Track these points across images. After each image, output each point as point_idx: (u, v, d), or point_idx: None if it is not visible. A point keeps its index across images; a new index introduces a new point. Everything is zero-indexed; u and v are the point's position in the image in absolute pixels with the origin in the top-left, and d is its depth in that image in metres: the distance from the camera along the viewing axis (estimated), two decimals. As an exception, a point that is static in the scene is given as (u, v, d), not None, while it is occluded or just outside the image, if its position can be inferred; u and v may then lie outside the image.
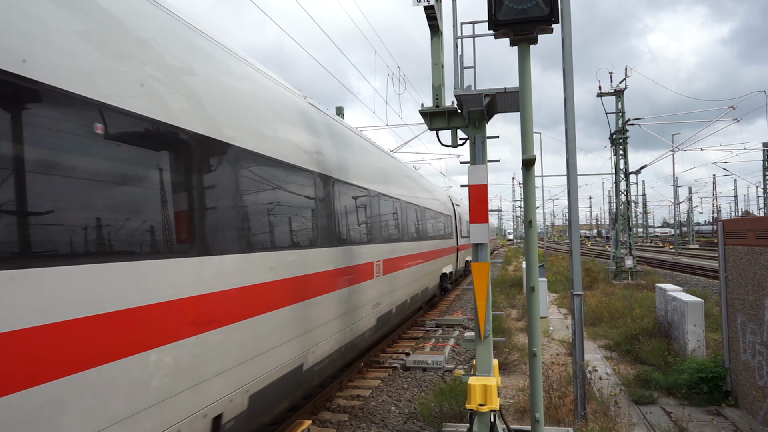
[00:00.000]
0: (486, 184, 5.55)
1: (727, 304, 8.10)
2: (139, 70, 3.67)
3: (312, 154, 6.58)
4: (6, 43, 2.72)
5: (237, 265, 4.64)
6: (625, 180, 25.37)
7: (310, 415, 7.76)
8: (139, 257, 3.50)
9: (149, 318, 3.54)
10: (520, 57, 5.11)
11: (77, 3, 3.29)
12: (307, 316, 6.08)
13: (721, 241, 8.19)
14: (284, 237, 5.66)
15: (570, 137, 7.31)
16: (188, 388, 3.93)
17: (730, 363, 8.01)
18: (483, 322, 5.62)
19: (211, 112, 4.46)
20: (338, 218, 7.31)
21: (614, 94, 24.81)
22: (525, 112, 5.09)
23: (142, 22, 3.90)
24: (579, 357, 7.22)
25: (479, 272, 5.56)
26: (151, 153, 3.73)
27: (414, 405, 8.29)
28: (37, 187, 2.85)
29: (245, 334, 4.72)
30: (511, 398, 8.22)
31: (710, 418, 7.36)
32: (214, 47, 4.97)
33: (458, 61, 5.56)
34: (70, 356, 2.91)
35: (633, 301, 16.20)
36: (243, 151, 4.85)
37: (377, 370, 10.46)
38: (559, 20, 4.78)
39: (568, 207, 7.60)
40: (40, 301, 2.77)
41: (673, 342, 10.19)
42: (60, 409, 2.85)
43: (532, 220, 5.39)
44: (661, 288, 11.67)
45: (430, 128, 5.98)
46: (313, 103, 7.47)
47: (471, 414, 5.44)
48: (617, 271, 25.25)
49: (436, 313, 17.54)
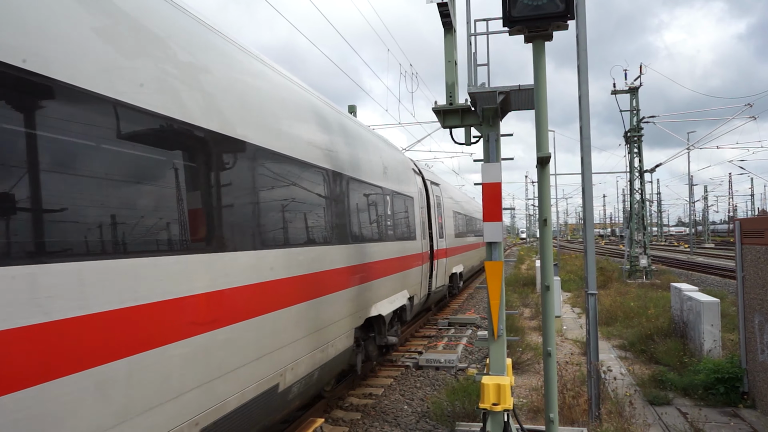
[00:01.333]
0: (500, 183, 5.52)
1: (744, 304, 7.99)
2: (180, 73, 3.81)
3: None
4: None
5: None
6: (640, 178, 25.12)
7: (322, 414, 7.77)
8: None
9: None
10: (535, 54, 5.06)
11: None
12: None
13: (738, 240, 8.08)
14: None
15: (584, 135, 7.24)
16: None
17: (747, 364, 7.90)
18: (496, 321, 5.59)
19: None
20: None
21: (629, 92, 24.59)
22: (540, 109, 5.04)
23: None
24: (593, 357, 7.16)
25: (493, 271, 5.53)
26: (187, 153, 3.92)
27: (427, 404, 8.27)
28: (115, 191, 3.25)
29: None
30: (524, 398, 8.18)
31: (727, 419, 7.27)
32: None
33: (472, 59, 5.52)
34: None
35: (647, 300, 16.05)
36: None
37: (390, 368, 10.45)
38: (574, 16, 4.74)
39: (583, 205, 7.54)
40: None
41: (689, 342, 10.08)
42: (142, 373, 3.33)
43: (547, 218, 5.34)
44: (676, 287, 11.54)
45: (443, 126, 5.95)
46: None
47: (484, 413, 5.41)
48: (631, 270, 25.03)
49: (448, 312, 17.50)
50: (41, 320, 2.72)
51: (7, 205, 2.64)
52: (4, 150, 2.65)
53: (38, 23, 2.85)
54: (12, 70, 2.69)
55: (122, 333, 3.23)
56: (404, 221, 10.48)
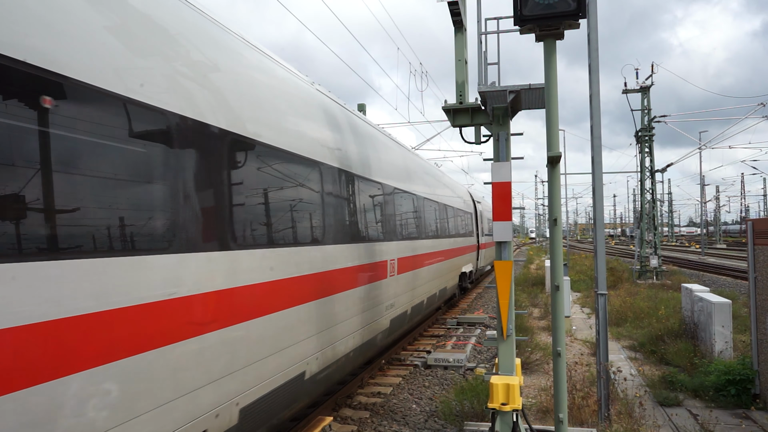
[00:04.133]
0: (510, 182, 5.50)
1: (757, 305, 7.91)
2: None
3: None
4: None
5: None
6: (651, 178, 24.94)
7: (331, 412, 7.78)
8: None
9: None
10: (546, 53, 5.04)
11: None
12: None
13: (751, 241, 8.01)
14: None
15: (595, 134, 7.20)
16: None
17: (759, 365, 7.83)
18: (506, 321, 5.58)
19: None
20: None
21: (640, 91, 24.41)
22: (550, 109, 5.02)
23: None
24: (603, 357, 7.12)
25: (502, 270, 5.51)
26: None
27: (435, 403, 8.27)
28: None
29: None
30: (533, 398, 8.15)
31: (738, 421, 7.21)
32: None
33: (482, 58, 5.51)
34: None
35: (658, 301, 15.95)
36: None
37: (398, 367, 10.45)
38: (586, 15, 4.71)
39: (593, 205, 7.50)
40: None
41: (700, 343, 10.00)
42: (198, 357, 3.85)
43: (557, 218, 5.32)
44: (687, 288, 11.45)
45: (453, 125, 5.94)
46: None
47: (493, 413, 5.41)
48: (642, 270, 24.87)
49: (457, 311, 17.47)
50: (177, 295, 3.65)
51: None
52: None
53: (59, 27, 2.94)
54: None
55: (214, 309, 4.04)
56: (466, 226, 18.42)
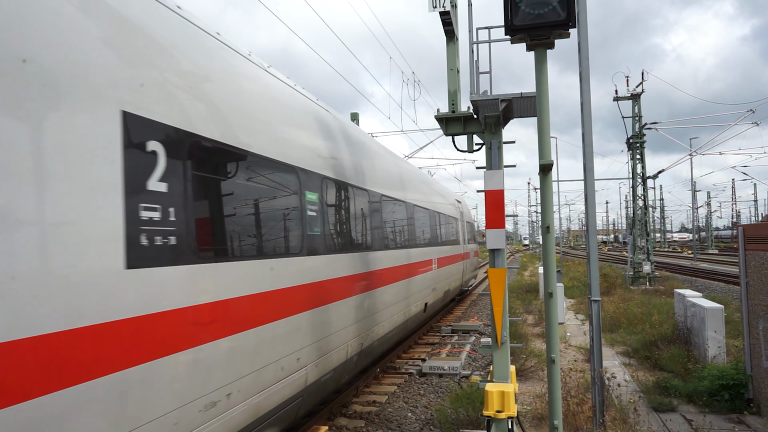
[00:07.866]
0: (502, 190, 5.54)
1: (749, 310, 7.96)
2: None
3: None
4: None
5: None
6: (643, 184, 25.10)
7: (326, 421, 7.76)
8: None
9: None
10: (537, 62, 5.09)
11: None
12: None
13: (742, 246, 8.07)
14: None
15: (587, 142, 7.26)
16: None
17: (752, 370, 7.87)
18: (500, 328, 5.59)
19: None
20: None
21: (631, 98, 24.61)
22: (542, 117, 5.07)
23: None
24: (597, 363, 7.14)
25: (496, 278, 5.54)
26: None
27: (431, 411, 8.26)
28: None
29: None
30: (528, 405, 8.16)
31: (732, 426, 7.24)
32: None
33: (474, 66, 5.56)
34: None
35: (651, 307, 16.00)
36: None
37: (393, 375, 10.44)
38: (576, 25, 4.76)
39: (585, 212, 7.54)
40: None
41: (693, 348, 10.05)
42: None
43: (549, 225, 5.36)
44: (680, 294, 11.51)
45: (445, 134, 5.98)
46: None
47: (488, 421, 5.41)
48: (635, 276, 24.99)
49: (451, 318, 17.48)
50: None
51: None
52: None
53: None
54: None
55: (298, 297, 5.43)
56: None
